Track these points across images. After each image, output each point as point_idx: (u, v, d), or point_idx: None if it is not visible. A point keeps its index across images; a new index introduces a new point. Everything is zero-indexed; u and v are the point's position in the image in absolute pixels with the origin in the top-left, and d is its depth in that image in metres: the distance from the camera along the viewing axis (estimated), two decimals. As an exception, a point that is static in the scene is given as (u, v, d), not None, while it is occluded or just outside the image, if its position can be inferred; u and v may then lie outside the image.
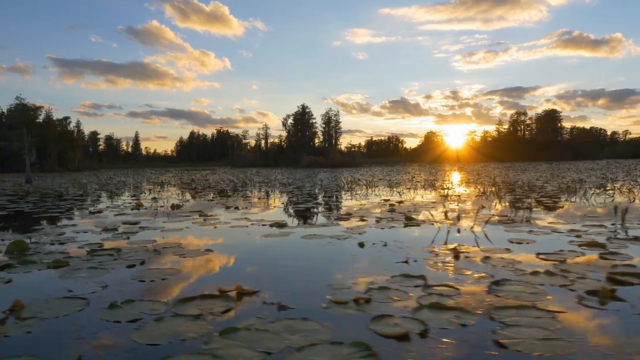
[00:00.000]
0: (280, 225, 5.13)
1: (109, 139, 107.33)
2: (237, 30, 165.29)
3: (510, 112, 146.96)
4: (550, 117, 77.14)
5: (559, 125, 77.20)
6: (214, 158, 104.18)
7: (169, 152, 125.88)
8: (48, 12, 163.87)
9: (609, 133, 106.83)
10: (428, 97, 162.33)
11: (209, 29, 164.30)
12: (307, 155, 55.34)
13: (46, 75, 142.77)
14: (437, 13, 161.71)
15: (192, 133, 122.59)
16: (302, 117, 69.41)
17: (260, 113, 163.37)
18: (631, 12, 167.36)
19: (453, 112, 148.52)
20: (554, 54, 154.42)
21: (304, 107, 70.46)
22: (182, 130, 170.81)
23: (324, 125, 71.89)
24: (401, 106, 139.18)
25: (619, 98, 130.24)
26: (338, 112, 76.04)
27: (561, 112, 78.71)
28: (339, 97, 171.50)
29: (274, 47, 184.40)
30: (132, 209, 7.52)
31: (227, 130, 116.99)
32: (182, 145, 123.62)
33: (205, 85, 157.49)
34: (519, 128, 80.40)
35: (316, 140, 72.05)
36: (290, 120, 70.76)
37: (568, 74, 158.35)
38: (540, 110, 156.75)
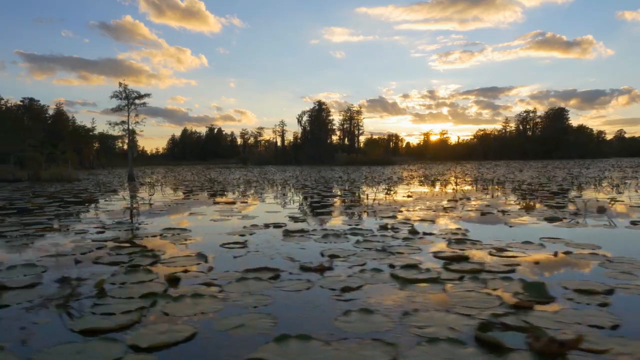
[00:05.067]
0: None
1: (101, 135, 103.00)
2: (213, 27, 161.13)
3: (485, 111, 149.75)
4: (558, 116, 78.26)
5: (567, 124, 78.35)
6: (208, 156, 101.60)
7: (160, 150, 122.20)
8: (14, 5, 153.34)
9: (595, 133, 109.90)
10: (405, 96, 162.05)
11: (184, 25, 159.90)
12: (343, 153, 54.20)
13: (15, 70, 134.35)
14: (413, 13, 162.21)
15: (184, 131, 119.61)
16: (318, 114, 67.98)
17: (238, 111, 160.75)
18: (602, 15, 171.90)
19: (430, 111, 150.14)
20: (528, 54, 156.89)
21: (320, 104, 69.07)
22: (159, 129, 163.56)
23: (342, 123, 70.79)
24: (379, 105, 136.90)
25: (590, 99, 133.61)
26: (360, 109, 74.30)
27: (569, 112, 79.83)
28: (317, 96, 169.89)
29: (252, 45, 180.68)
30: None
31: (220, 128, 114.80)
32: (174, 143, 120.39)
33: (181, 83, 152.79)
34: (528, 127, 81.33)
35: (334, 138, 70.86)
36: (305, 117, 69.30)
37: (541, 74, 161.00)
38: (514, 110, 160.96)
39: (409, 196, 9.50)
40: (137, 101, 19.69)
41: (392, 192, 10.35)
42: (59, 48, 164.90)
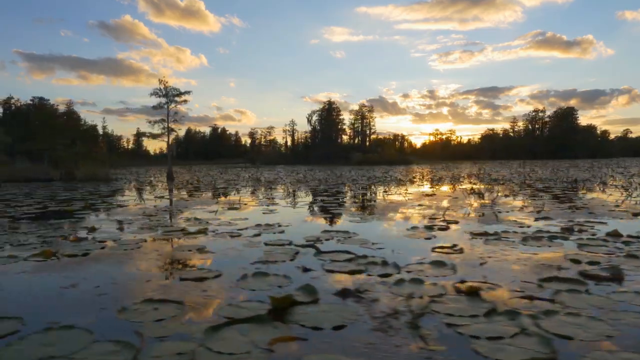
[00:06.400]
0: None
1: (106, 135, 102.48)
2: (213, 27, 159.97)
3: (485, 111, 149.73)
4: (567, 115, 78.13)
5: (576, 123, 78.24)
6: (211, 156, 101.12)
7: (164, 150, 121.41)
8: (14, 5, 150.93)
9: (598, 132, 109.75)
10: (405, 96, 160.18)
11: (184, 24, 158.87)
12: (358, 153, 53.90)
13: (15, 70, 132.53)
14: (413, 12, 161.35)
15: (188, 130, 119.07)
16: (328, 114, 67.59)
17: (238, 111, 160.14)
18: (602, 15, 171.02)
19: (430, 111, 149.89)
20: (528, 54, 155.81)
21: (330, 103, 68.72)
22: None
23: (353, 122, 70.44)
24: (379, 105, 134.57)
25: (590, 98, 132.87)
26: (372, 108, 73.92)
27: (578, 111, 79.78)
28: (317, 96, 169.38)
29: (251, 45, 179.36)
30: None
31: (224, 128, 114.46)
32: (178, 143, 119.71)
33: (181, 83, 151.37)
34: (537, 127, 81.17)
35: (344, 137, 70.51)
36: (314, 117, 68.90)
37: (541, 74, 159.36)
38: (514, 110, 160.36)
39: (505, 195, 9.13)
40: (177, 99, 19.23)
41: (486, 192, 9.89)
42: (59, 48, 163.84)
